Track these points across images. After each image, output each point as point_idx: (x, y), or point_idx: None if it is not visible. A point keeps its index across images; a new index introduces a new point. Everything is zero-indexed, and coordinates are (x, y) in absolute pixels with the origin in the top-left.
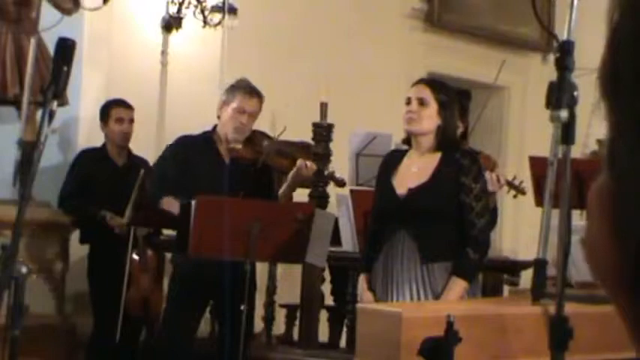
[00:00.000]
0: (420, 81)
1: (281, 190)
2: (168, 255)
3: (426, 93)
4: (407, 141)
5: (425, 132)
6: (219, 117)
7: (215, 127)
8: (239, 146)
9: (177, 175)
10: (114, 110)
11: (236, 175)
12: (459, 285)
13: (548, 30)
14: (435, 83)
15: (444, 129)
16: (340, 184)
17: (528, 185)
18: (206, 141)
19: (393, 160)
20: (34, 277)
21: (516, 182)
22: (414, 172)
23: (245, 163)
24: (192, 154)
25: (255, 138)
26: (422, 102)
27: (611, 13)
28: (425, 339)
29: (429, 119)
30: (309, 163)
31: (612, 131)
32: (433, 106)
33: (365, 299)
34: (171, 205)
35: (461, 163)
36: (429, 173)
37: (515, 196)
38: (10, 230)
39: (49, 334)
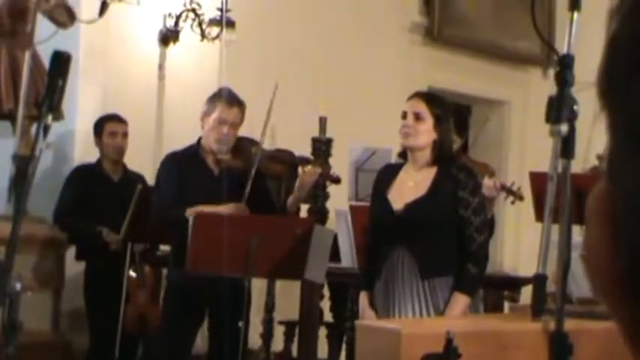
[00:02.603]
0: (416, 94)
1: (289, 203)
2: (166, 271)
3: (422, 107)
4: (403, 154)
5: (421, 146)
6: (202, 128)
7: (200, 139)
8: (227, 157)
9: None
10: (107, 124)
11: (227, 187)
12: (461, 300)
13: (548, 44)
14: (430, 97)
15: (440, 143)
16: (335, 181)
17: (528, 200)
18: (193, 155)
19: (387, 174)
20: (29, 294)
21: (514, 188)
22: (411, 187)
23: (236, 173)
24: (182, 169)
25: (242, 146)
26: (418, 116)
27: (610, 21)
28: (424, 355)
29: (426, 134)
30: (309, 167)
31: (611, 135)
32: (429, 121)
33: (366, 317)
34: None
35: (458, 177)
36: (425, 187)
37: (513, 202)
38: (5, 246)
39: (45, 351)
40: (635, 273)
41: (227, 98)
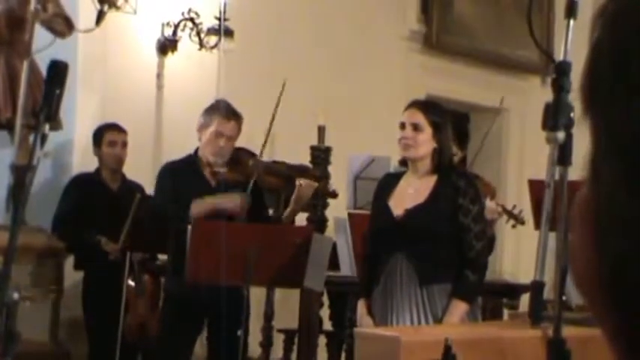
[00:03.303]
0: (412, 104)
1: (285, 214)
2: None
3: (419, 117)
4: (404, 161)
5: (422, 157)
6: (199, 139)
7: (197, 149)
8: (224, 169)
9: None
10: (106, 134)
11: None
12: (459, 307)
13: (545, 51)
14: (427, 105)
15: (440, 151)
16: (332, 195)
17: (528, 209)
18: (190, 165)
19: (388, 183)
20: (28, 304)
21: (515, 211)
22: (411, 194)
23: (233, 185)
24: (179, 179)
25: (240, 158)
26: (416, 127)
27: (593, 32)
28: None
29: (425, 144)
30: (306, 181)
31: (593, 141)
32: (427, 131)
33: (364, 324)
34: (206, 205)
35: (457, 184)
36: (425, 194)
37: (514, 226)
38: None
39: None
40: (617, 280)
41: (224, 111)
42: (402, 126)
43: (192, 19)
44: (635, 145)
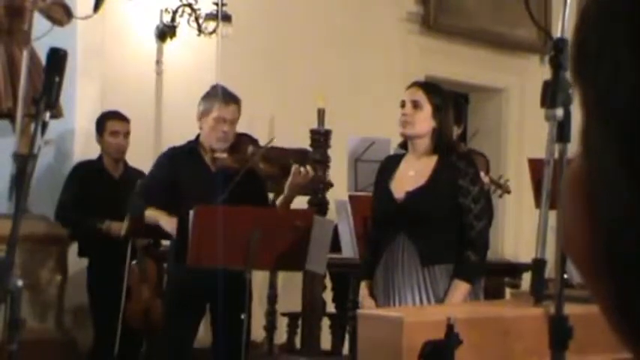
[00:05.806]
0: (414, 84)
1: (278, 201)
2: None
3: (420, 96)
4: (404, 144)
5: (420, 135)
6: (200, 127)
7: (198, 135)
8: (224, 155)
9: (167, 187)
10: (109, 123)
11: (223, 184)
12: (461, 287)
13: (542, 28)
14: (428, 85)
15: (439, 131)
16: (327, 185)
17: (528, 187)
18: (191, 152)
19: (389, 165)
20: (32, 292)
21: (501, 181)
22: (411, 176)
23: (232, 172)
24: (180, 165)
25: (240, 145)
26: (416, 105)
27: (582, 1)
28: (425, 342)
29: (424, 122)
30: (302, 168)
31: (584, 111)
32: (427, 109)
33: (366, 306)
34: (151, 217)
35: (457, 165)
36: (426, 176)
37: (500, 196)
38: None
39: (49, 348)
40: (610, 253)
41: (223, 97)
42: (403, 104)
43: (190, 5)
44: (624, 118)
